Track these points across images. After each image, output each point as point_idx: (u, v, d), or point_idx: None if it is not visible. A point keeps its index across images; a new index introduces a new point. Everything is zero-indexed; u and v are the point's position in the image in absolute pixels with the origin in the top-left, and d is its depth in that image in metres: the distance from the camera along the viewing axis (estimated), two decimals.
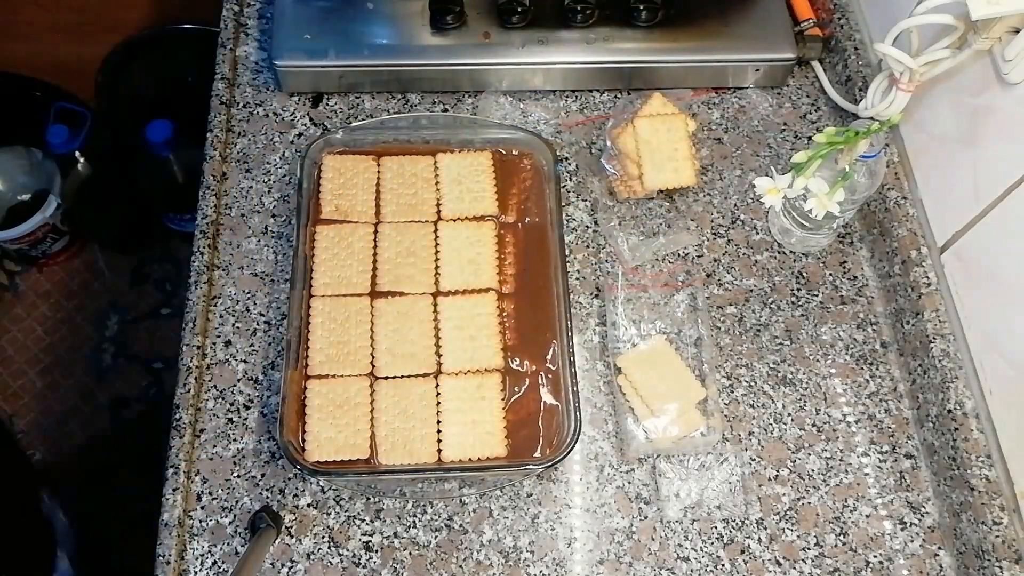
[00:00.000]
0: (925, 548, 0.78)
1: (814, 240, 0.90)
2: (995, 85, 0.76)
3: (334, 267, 0.82)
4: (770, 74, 0.99)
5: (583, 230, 0.92)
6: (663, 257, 0.90)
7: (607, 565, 0.76)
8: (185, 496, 0.77)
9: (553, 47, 0.95)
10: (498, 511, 0.78)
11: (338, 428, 0.75)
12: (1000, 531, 0.73)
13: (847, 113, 0.98)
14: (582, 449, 0.81)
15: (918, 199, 0.88)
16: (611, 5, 0.96)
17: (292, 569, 0.75)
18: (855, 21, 0.99)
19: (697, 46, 0.96)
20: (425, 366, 0.79)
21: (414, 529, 0.77)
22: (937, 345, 0.81)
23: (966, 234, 0.80)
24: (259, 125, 0.96)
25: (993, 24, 0.72)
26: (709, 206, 0.94)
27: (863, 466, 0.82)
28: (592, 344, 0.86)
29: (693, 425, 0.79)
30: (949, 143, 0.84)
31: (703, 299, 0.87)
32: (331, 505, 0.77)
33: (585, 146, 0.96)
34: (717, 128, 0.99)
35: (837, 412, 0.84)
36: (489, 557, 0.76)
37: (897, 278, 0.87)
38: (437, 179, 0.87)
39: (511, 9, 0.94)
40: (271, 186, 0.92)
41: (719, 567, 0.77)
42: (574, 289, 0.88)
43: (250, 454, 0.79)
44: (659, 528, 0.78)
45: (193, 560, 0.75)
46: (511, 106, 0.98)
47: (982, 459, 0.75)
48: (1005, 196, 0.74)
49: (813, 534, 0.78)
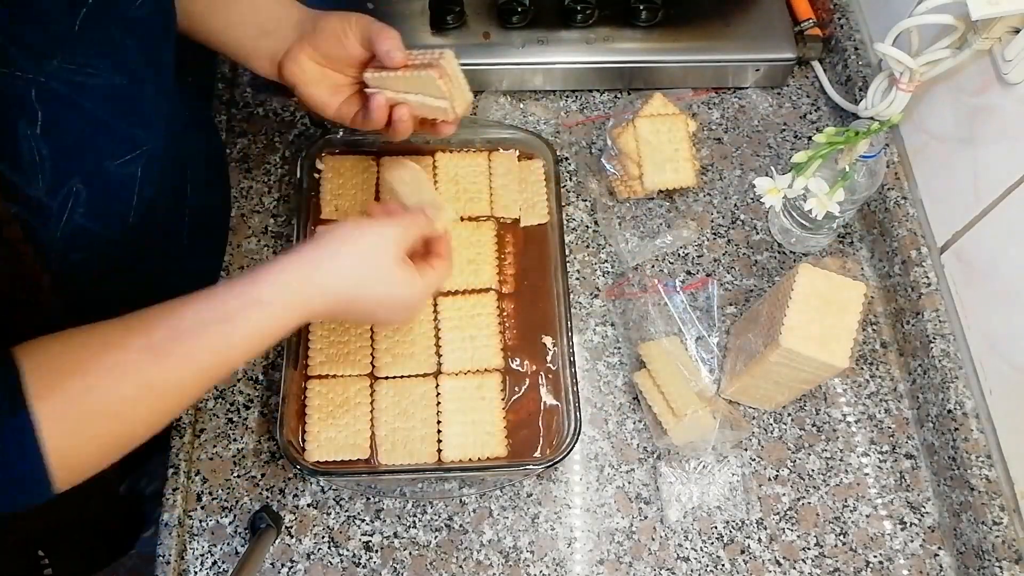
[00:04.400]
0: (925, 548, 0.78)
1: (814, 240, 0.90)
2: (995, 85, 0.76)
3: None
4: (770, 74, 0.99)
5: (583, 230, 0.92)
6: (663, 257, 0.90)
7: (607, 565, 0.76)
8: (185, 496, 0.77)
9: (553, 47, 0.95)
10: (498, 511, 0.78)
11: (338, 428, 0.75)
12: (1000, 531, 0.73)
13: (847, 113, 0.98)
14: (582, 449, 0.81)
15: (918, 199, 0.88)
16: (611, 5, 0.96)
17: (292, 569, 0.75)
18: (855, 21, 0.99)
19: (697, 46, 0.96)
20: (425, 366, 0.79)
21: (414, 529, 0.77)
22: (937, 345, 0.81)
23: (966, 234, 0.80)
24: (259, 125, 0.96)
25: (993, 24, 0.72)
26: (709, 206, 0.94)
27: (863, 466, 0.82)
28: (592, 344, 0.86)
29: (708, 426, 0.79)
30: (949, 143, 0.84)
31: (703, 299, 0.87)
32: (331, 505, 0.77)
33: (585, 146, 0.96)
34: (717, 128, 0.99)
35: (837, 412, 0.84)
36: (489, 557, 0.76)
37: (897, 278, 0.87)
38: (436, 179, 0.87)
39: (511, 9, 0.94)
40: (271, 186, 0.92)
41: (719, 567, 0.77)
42: (574, 289, 0.88)
43: (250, 454, 0.79)
44: (659, 528, 0.78)
45: (193, 560, 0.75)
46: (511, 106, 0.98)
47: (982, 459, 0.75)
48: (1005, 196, 0.74)
49: (813, 534, 0.78)
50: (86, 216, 0.54)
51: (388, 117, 0.68)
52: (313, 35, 0.68)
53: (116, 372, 0.52)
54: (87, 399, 0.51)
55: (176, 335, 0.53)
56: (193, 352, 0.54)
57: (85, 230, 0.54)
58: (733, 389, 0.81)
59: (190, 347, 0.54)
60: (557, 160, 0.88)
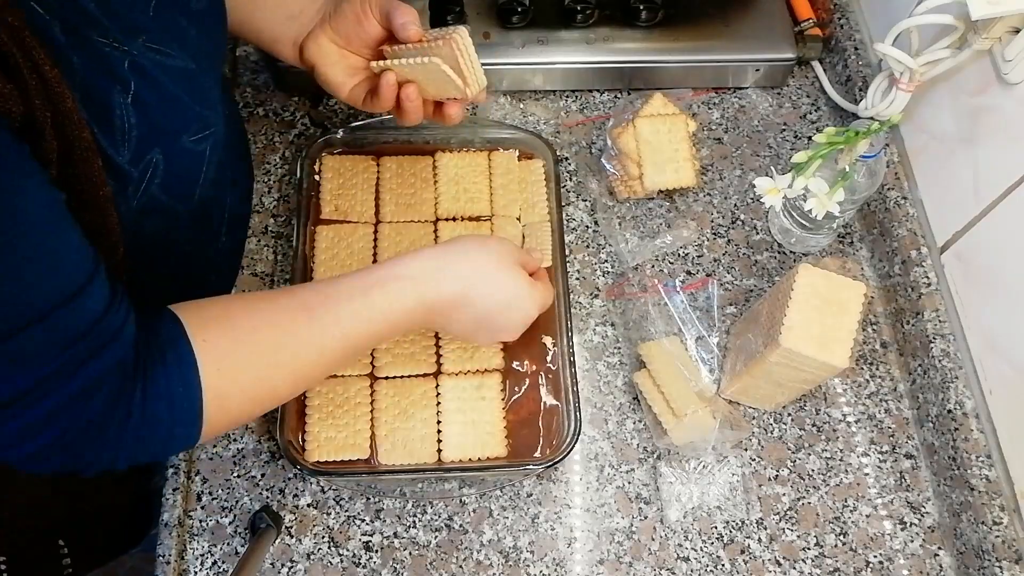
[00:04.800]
0: (925, 548, 0.78)
1: (814, 240, 0.90)
2: (995, 85, 0.76)
3: (334, 267, 0.82)
4: (770, 74, 0.99)
5: (583, 230, 0.92)
6: (663, 257, 0.90)
7: (607, 565, 0.76)
8: (185, 496, 0.77)
9: (553, 47, 0.95)
10: (498, 511, 0.78)
11: (338, 428, 0.75)
12: (1000, 531, 0.73)
13: (847, 113, 0.98)
14: (582, 449, 0.81)
15: (918, 199, 0.88)
16: (611, 5, 0.96)
17: (292, 569, 0.75)
18: (855, 21, 0.99)
19: (697, 46, 0.96)
20: (425, 366, 0.78)
21: (414, 529, 0.77)
22: (937, 345, 0.81)
23: (966, 234, 0.80)
24: (259, 125, 0.96)
25: (993, 24, 0.72)
26: (709, 206, 0.94)
27: (863, 466, 0.82)
28: (592, 344, 0.86)
29: (708, 426, 0.79)
30: (949, 143, 0.84)
31: (703, 299, 0.87)
32: (331, 505, 0.77)
33: (585, 146, 0.96)
34: (717, 128, 0.99)
35: (837, 412, 0.84)
36: (489, 557, 0.76)
37: (897, 278, 0.87)
38: (436, 179, 0.87)
39: (511, 9, 0.94)
40: (271, 186, 0.92)
41: (719, 567, 0.77)
42: (574, 289, 0.88)
43: (250, 454, 0.79)
44: (659, 528, 0.78)
45: (193, 560, 0.75)
46: (511, 106, 0.98)
47: (982, 459, 0.75)
48: (1005, 196, 0.74)
49: (813, 534, 0.78)
50: (161, 187, 0.56)
51: (398, 99, 0.70)
52: (334, 16, 0.71)
53: (272, 323, 0.57)
54: (243, 345, 0.56)
55: (327, 300, 0.60)
56: (340, 316, 0.60)
57: (158, 202, 0.57)
58: (733, 389, 0.81)
59: (338, 311, 0.60)
60: (557, 160, 0.88)
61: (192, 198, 0.61)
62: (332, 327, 0.59)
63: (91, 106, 0.48)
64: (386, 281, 0.62)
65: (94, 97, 0.49)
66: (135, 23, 0.53)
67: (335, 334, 0.59)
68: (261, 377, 0.57)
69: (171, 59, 0.55)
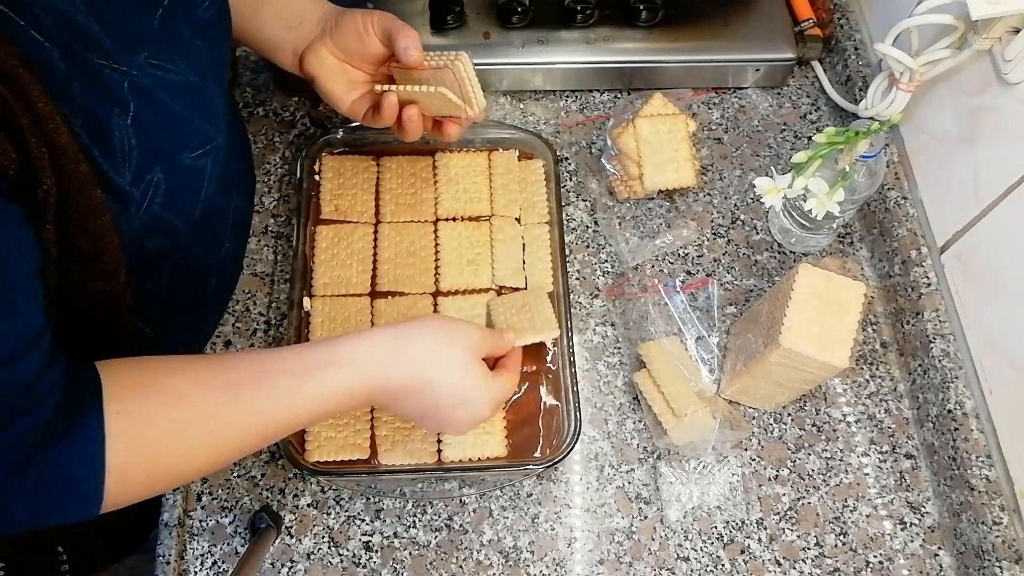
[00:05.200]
0: (925, 548, 0.78)
1: (814, 240, 0.90)
2: (995, 85, 0.76)
3: (334, 267, 0.82)
4: (770, 74, 0.99)
5: (583, 230, 0.92)
6: (663, 257, 0.90)
7: (607, 565, 0.76)
8: (185, 496, 0.77)
9: (553, 47, 0.95)
10: (498, 511, 0.78)
11: (338, 428, 0.75)
12: (1000, 531, 0.73)
13: (847, 113, 0.98)
14: (582, 449, 0.81)
15: (918, 199, 0.88)
16: (611, 5, 0.96)
17: (292, 569, 0.75)
18: (855, 21, 0.99)
19: (697, 46, 0.96)
20: None
21: (414, 529, 0.77)
22: (937, 345, 0.81)
23: (966, 234, 0.80)
24: (259, 125, 0.96)
25: (993, 24, 0.72)
26: (709, 206, 0.94)
27: (863, 466, 0.82)
28: (592, 344, 0.86)
29: (708, 426, 0.79)
30: (949, 143, 0.84)
31: (703, 299, 0.87)
32: (331, 505, 0.77)
33: (585, 146, 0.96)
34: (717, 128, 0.99)
35: (837, 412, 0.84)
36: (489, 557, 0.76)
37: (897, 278, 0.87)
38: (436, 179, 0.87)
39: (511, 9, 0.94)
40: (271, 186, 0.92)
41: (719, 567, 0.77)
42: (574, 289, 0.88)
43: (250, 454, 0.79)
44: (659, 528, 0.78)
45: (193, 560, 0.75)
46: (511, 106, 0.98)
47: (982, 459, 0.75)
48: (1005, 196, 0.74)
49: (813, 534, 0.78)
50: (163, 206, 0.55)
51: (399, 117, 0.71)
52: (335, 30, 0.71)
53: (191, 401, 0.54)
54: (157, 422, 0.52)
55: (256, 379, 0.56)
56: (268, 398, 0.56)
57: (161, 220, 0.56)
58: (733, 389, 0.81)
59: (266, 393, 0.56)
60: (557, 160, 0.88)
61: (194, 214, 0.60)
62: (255, 410, 0.56)
63: (91, 130, 0.48)
64: (325, 366, 0.58)
65: (94, 121, 0.49)
66: (138, 37, 0.52)
67: (257, 419, 0.56)
68: (172, 458, 0.54)
69: (173, 74, 0.55)
